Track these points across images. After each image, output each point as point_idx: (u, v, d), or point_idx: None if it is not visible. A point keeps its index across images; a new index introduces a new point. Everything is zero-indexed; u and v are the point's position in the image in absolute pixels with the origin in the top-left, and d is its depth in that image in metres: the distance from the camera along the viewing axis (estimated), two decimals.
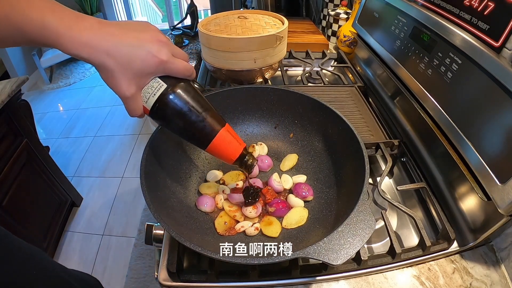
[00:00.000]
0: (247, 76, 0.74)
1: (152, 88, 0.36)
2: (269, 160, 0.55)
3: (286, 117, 0.58)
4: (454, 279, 0.43)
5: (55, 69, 2.99)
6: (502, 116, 0.38)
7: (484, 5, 0.42)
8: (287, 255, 0.32)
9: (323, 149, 0.53)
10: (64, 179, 1.48)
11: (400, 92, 0.64)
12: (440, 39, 0.51)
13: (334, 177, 0.49)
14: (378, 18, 0.74)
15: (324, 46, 0.98)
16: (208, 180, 0.52)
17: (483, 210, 0.42)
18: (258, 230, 0.45)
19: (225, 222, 0.45)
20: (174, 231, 0.34)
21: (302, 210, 0.47)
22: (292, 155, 0.55)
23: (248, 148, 0.57)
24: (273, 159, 0.56)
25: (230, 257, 0.32)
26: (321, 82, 0.79)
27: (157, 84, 0.36)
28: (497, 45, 0.40)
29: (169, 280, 0.40)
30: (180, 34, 2.12)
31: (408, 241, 0.50)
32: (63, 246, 1.46)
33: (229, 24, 0.74)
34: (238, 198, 0.48)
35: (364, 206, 0.36)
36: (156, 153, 0.45)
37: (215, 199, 0.48)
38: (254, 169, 0.48)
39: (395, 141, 0.59)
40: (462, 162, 0.46)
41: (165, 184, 0.46)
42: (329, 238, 0.33)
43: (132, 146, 2.06)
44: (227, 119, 0.58)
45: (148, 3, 3.87)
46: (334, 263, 0.31)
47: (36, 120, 1.31)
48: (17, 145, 1.15)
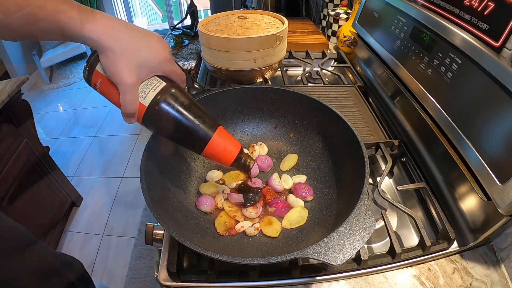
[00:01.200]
0: (247, 76, 0.74)
1: (152, 84, 0.36)
2: (269, 160, 0.55)
3: (286, 117, 0.58)
4: (454, 279, 0.43)
5: (55, 69, 2.99)
6: (502, 116, 0.38)
7: (484, 5, 0.42)
8: (287, 255, 0.32)
9: (323, 149, 0.53)
10: (64, 179, 1.48)
11: (400, 92, 0.64)
12: (440, 39, 0.51)
13: (334, 177, 0.49)
14: (378, 18, 0.74)
15: (324, 46, 0.98)
16: (208, 180, 0.52)
17: (483, 210, 0.42)
18: (258, 230, 0.45)
19: (225, 222, 0.45)
20: (174, 231, 0.34)
21: (302, 210, 0.47)
22: (292, 155, 0.56)
23: (248, 148, 0.57)
24: (273, 159, 0.56)
25: (230, 257, 0.32)
26: (321, 82, 0.79)
27: (157, 82, 0.36)
28: (497, 45, 0.40)
29: (169, 280, 0.40)
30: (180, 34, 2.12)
31: (408, 241, 0.50)
32: (63, 246, 1.46)
33: (229, 24, 0.74)
34: (238, 198, 0.48)
35: (364, 206, 0.36)
36: (156, 153, 0.45)
37: (215, 199, 0.48)
38: (254, 169, 0.48)
39: (395, 141, 0.59)
40: (462, 162, 0.46)
41: (165, 184, 0.46)
42: (329, 238, 0.33)
43: (132, 146, 2.06)
44: (227, 119, 0.58)
45: (148, 3, 3.87)
46: (334, 263, 0.31)
47: (36, 120, 1.30)
48: (17, 145, 1.15)
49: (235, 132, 0.60)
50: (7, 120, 1.09)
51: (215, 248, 0.40)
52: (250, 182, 0.50)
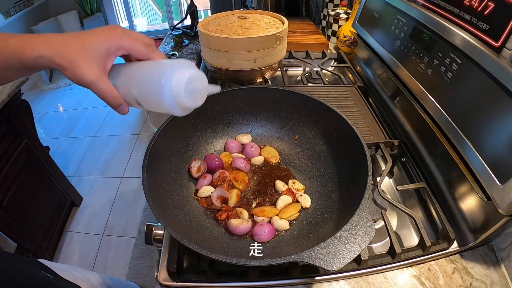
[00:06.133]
0: (247, 76, 0.73)
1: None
2: (255, 147, 0.57)
3: (292, 119, 0.57)
4: (454, 279, 0.43)
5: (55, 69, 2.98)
6: (502, 116, 0.38)
7: (484, 5, 0.42)
8: (283, 258, 0.32)
9: (327, 152, 0.53)
10: (64, 179, 1.47)
11: (400, 92, 0.64)
12: (440, 39, 0.51)
13: (338, 181, 0.49)
14: (378, 18, 0.74)
15: (324, 46, 0.98)
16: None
17: (483, 210, 0.42)
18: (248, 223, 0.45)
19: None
20: (174, 231, 0.34)
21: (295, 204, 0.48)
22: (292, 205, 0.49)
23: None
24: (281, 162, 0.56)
25: (226, 257, 0.32)
26: (321, 82, 0.79)
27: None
28: (497, 45, 0.40)
29: (169, 280, 0.40)
30: (180, 34, 2.12)
31: (408, 241, 0.50)
32: (63, 246, 1.45)
33: (229, 24, 0.74)
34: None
35: (364, 212, 0.36)
36: (159, 152, 0.45)
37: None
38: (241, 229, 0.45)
39: (395, 141, 0.59)
40: (462, 162, 0.46)
41: (167, 182, 0.46)
42: (326, 243, 0.33)
43: (132, 146, 2.06)
44: (233, 119, 0.58)
45: (148, 3, 3.87)
46: (330, 268, 0.31)
47: (36, 120, 1.30)
48: (17, 145, 1.15)
49: (240, 132, 0.60)
50: (7, 120, 1.09)
51: (214, 248, 0.40)
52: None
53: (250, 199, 0.50)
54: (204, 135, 0.57)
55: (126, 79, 0.34)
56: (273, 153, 0.56)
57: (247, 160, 0.55)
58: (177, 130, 0.51)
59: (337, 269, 0.31)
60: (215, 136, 0.58)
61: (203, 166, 0.52)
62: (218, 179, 0.51)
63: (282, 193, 0.50)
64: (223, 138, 0.59)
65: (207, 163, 0.53)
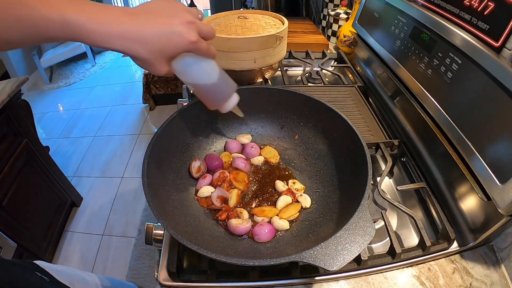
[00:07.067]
0: (247, 76, 0.73)
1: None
2: (255, 147, 0.57)
3: (292, 119, 0.57)
4: (454, 279, 0.43)
5: (55, 69, 2.98)
6: (502, 116, 0.38)
7: (484, 5, 0.42)
8: (283, 258, 0.32)
9: (327, 152, 0.53)
10: (64, 179, 1.48)
11: (400, 92, 0.64)
12: (440, 39, 0.51)
13: (338, 181, 0.49)
14: (378, 18, 0.74)
15: (324, 46, 0.98)
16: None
17: (483, 210, 0.42)
18: (248, 223, 0.45)
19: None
20: (174, 231, 0.34)
21: (296, 205, 0.47)
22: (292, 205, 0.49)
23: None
24: (282, 162, 0.56)
25: (225, 257, 0.32)
26: (321, 82, 0.79)
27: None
28: (497, 45, 0.40)
29: (169, 280, 0.40)
30: None
31: (408, 241, 0.50)
32: (63, 246, 1.45)
33: (229, 24, 0.74)
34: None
35: (364, 212, 0.36)
36: (159, 152, 0.45)
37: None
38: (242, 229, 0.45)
39: (395, 141, 0.59)
40: (462, 162, 0.46)
41: (167, 182, 0.46)
42: (326, 243, 0.33)
43: (132, 146, 2.06)
44: (233, 119, 0.58)
45: None
46: (330, 268, 0.31)
47: (36, 120, 1.30)
48: (17, 145, 1.15)
49: (240, 132, 0.60)
50: (7, 120, 1.09)
51: (214, 248, 0.40)
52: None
53: (250, 199, 0.50)
54: (204, 135, 0.57)
55: (190, 75, 0.41)
56: (273, 153, 0.56)
57: (247, 160, 0.55)
58: (177, 130, 0.51)
59: (337, 269, 0.31)
60: (215, 136, 0.58)
61: (203, 166, 0.52)
62: (218, 179, 0.51)
63: (282, 193, 0.50)
64: (223, 138, 0.59)
65: (207, 163, 0.53)
